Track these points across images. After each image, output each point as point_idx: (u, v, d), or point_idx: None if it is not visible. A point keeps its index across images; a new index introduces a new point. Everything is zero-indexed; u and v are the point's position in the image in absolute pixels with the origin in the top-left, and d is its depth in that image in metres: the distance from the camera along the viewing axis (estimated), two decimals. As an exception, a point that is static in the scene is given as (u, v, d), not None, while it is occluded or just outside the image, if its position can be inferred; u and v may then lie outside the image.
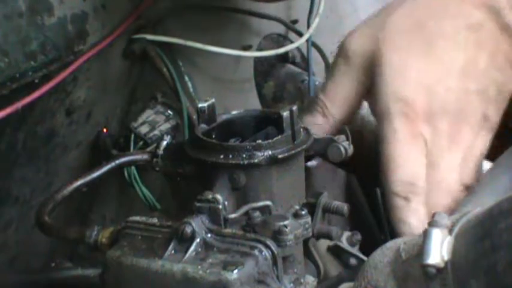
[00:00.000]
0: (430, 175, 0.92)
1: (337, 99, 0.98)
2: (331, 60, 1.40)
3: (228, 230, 0.83)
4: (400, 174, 0.91)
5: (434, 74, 0.94)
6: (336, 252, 0.95)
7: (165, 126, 1.34)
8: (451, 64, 0.94)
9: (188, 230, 0.81)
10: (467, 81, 0.94)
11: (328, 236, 0.91)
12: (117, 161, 0.98)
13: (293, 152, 0.88)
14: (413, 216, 0.90)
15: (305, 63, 1.35)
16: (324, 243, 0.95)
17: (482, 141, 0.94)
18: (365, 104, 1.01)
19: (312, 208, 0.91)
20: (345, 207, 0.92)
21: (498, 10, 0.94)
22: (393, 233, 0.92)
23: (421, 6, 0.98)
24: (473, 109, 0.94)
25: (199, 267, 0.79)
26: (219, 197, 0.84)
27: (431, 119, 0.92)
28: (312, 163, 0.98)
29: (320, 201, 0.91)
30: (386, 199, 0.93)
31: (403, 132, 0.92)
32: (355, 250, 0.96)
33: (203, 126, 0.92)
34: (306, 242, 0.88)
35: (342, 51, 0.99)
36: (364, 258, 0.93)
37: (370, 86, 0.96)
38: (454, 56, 0.94)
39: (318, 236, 0.91)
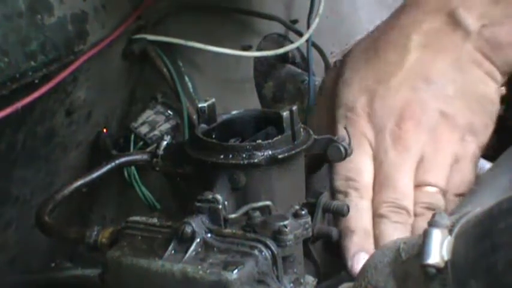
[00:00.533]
0: (377, 172, 0.94)
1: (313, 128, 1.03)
2: (331, 60, 1.41)
3: (228, 230, 0.83)
4: (341, 172, 0.95)
5: (375, 75, 0.97)
6: (336, 252, 0.95)
7: (165, 126, 1.34)
8: (396, 65, 0.97)
9: (188, 230, 0.81)
10: (415, 80, 0.95)
11: (328, 236, 0.91)
12: (117, 161, 0.98)
13: (293, 152, 0.88)
14: (351, 208, 0.92)
15: (305, 63, 1.35)
16: (323, 244, 0.95)
17: (447, 139, 0.94)
18: None
19: (312, 208, 0.91)
20: (344, 207, 0.92)
21: (453, 14, 0.95)
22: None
23: (384, 27, 1.01)
24: (423, 107, 0.95)
25: (199, 267, 0.79)
26: (219, 197, 0.84)
27: (374, 119, 0.95)
28: None
29: (320, 201, 0.91)
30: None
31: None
32: (355, 250, 0.96)
33: (203, 126, 0.92)
34: (306, 242, 0.88)
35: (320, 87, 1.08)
36: (364, 258, 0.93)
37: None
38: (399, 58, 0.97)
39: (318, 236, 0.91)
